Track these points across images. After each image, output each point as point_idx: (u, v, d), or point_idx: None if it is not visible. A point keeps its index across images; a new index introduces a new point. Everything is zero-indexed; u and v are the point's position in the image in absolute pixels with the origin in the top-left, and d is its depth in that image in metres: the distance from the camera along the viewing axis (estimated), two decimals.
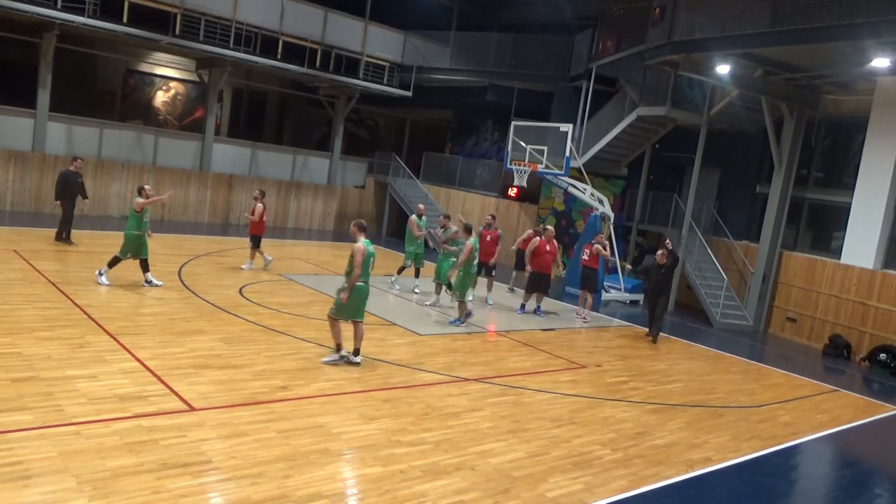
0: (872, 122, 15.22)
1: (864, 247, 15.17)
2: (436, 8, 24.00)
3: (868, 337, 14.92)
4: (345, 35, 21.70)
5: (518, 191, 21.08)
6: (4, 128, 17.54)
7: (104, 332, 8.61)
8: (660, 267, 13.38)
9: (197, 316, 10.10)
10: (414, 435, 6.89)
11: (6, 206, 17.48)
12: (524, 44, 22.58)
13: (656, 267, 13.51)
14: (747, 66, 14.92)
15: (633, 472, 6.85)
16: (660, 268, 13.39)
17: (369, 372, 8.70)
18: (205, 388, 7.25)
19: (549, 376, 9.89)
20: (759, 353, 14.75)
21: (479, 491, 5.90)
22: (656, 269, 13.51)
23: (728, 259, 18.03)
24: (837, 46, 12.69)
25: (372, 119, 29.40)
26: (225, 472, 5.53)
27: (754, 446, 8.22)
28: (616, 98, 19.92)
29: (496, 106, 23.36)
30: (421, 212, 15.17)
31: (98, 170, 18.85)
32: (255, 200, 14.54)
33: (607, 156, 19.97)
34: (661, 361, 11.94)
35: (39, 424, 5.86)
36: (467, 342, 11.08)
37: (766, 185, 17.44)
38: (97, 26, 17.11)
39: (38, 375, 6.90)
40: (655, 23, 15.42)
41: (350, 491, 5.66)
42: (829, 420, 9.96)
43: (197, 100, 24.05)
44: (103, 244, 14.71)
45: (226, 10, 18.90)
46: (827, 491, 7.71)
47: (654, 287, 13.43)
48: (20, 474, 5.01)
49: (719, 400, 10.10)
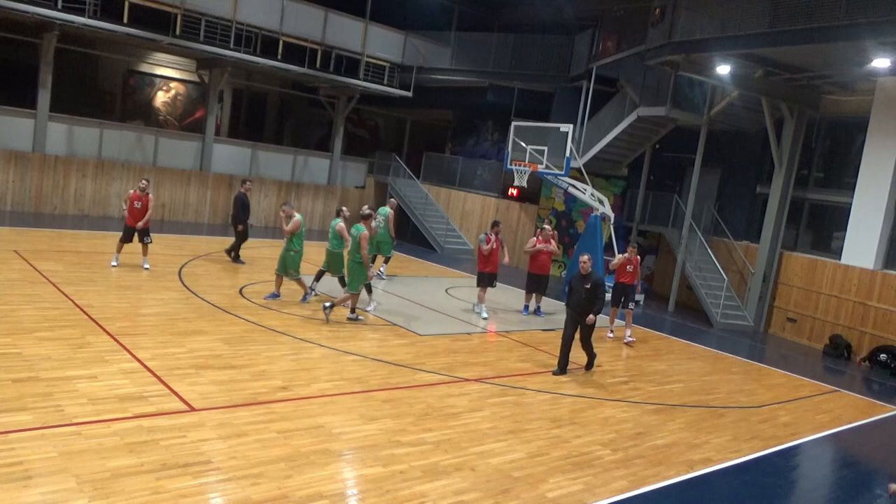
0: (873, 123, 15.22)
1: (865, 247, 15.17)
2: (436, 8, 23.99)
3: (868, 337, 14.92)
4: (345, 35, 21.69)
5: (518, 191, 21.07)
6: (5, 128, 17.54)
7: (104, 333, 8.61)
8: (583, 278, 9.79)
9: (197, 316, 10.10)
10: (414, 435, 6.89)
11: (6, 206, 17.48)
12: (524, 44, 22.57)
13: (579, 277, 9.88)
14: (748, 66, 14.92)
15: (633, 472, 6.85)
16: (583, 279, 9.77)
17: (369, 372, 8.70)
18: (205, 389, 7.25)
19: (549, 377, 9.88)
20: (759, 353, 14.74)
21: (480, 491, 5.90)
22: (579, 279, 9.87)
23: (728, 259, 18.02)
24: (838, 47, 12.68)
25: (372, 119, 29.40)
26: (225, 472, 5.53)
27: (755, 447, 8.22)
28: (616, 98, 19.91)
29: (496, 106, 23.36)
30: (393, 206, 15.63)
31: (98, 170, 18.85)
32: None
33: (607, 156, 19.96)
34: (661, 362, 11.94)
35: (40, 425, 5.86)
36: (467, 342, 11.08)
37: (766, 186, 17.44)
38: (97, 27, 17.10)
39: (38, 376, 6.90)
40: (656, 23, 15.42)
41: (350, 491, 5.66)
42: (830, 420, 9.96)
43: (197, 100, 24.06)
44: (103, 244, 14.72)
45: (226, 10, 18.90)
46: (827, 491, 7.72)
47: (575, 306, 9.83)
48: (20, 474, 5.01)
49: (719, 400, 10.10)
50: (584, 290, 9.70)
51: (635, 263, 13.06)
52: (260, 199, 22.23)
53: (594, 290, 9.72)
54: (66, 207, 18.41)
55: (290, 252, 11.77)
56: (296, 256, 11.82)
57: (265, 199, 22.37)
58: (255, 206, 22.11)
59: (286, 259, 11.77)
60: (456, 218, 23.87)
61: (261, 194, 22.24)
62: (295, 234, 11.76)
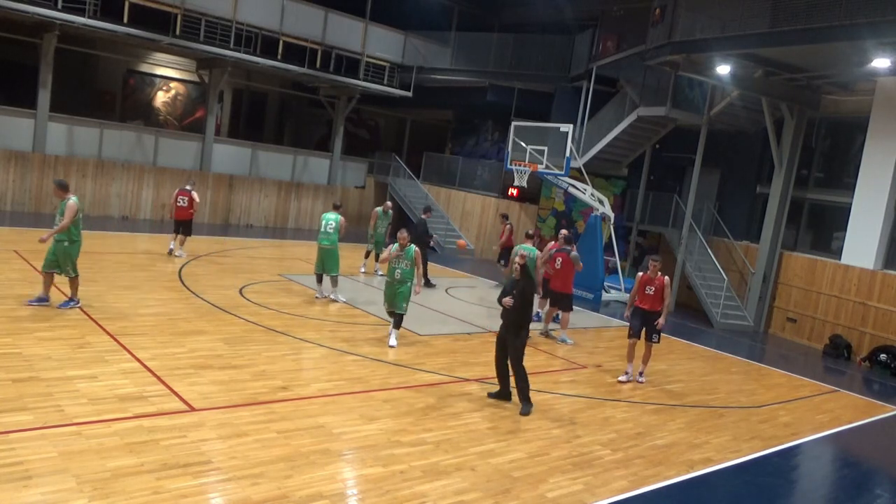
0: (873, 123, 15.22)
1: (865, 247, 15.17)
2: (436, 8, 24.00)
3: (868, 337, 14.92)
4: (345, 35, 21.70)
5: (518, 191, 21.08)
6: (5, 128, 17.54)
7: (104, 333, 8.61)
8: (515, 282, 8.23)
9: (197, 316, 10.10)
10: (414, 435, 6.89)
11: (6, 206, 17.48)
12: (524, 44, 22.58)
13: (512, 282, 8.32)
14: (748, 66, 14.92)
15: (633, 472, 6.85)
16: (514, 283, 8.20)
17: (369, 372, 8.70)
18: (205, 389, 7.25)
19: (549, 376, 9.89)
20: (759, 353, 14.75)
21: (480, 491, 5.90)
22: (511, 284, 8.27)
23: (728, 259, 18.02)
24: (838, 47, 12.68)
25: (372, 119, 29.41)
26: (225, 472, 5.53)
27: (755, 447, 8.22)
28: (616, 98, 19.92)
29: (496, 106, 23.36)
30: (388, 208, 15.79)
31: (98, 170, 18.85)
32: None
33: (607, 156, 19.97)
34: (661, 362, 11.93)
35: (40, 425, 5.86)
36: (467, 342, 11.08)
37: (766, 186, 17.44)
38: (98, 27, 17.11)
39: (38, 376, 6.90)
40: (656, 23, 15.42)
41: (350, 491, 5.66)
42: (830, 420, 9.96)
43: (197, 100, 24.06)
44: (102, 244, 14.72)
45: (226, 10, 18.91)
46: (827, 491, 7.72)
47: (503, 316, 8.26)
48: (21, 474, 5.01)
49: (720, 400, 10.10)
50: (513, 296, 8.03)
51: (658, 285, 9.87)
52: (260, 199, 22.24)
53: (520, 297, 8.01)
54: None
55: (65, 244, 9.28)
56: (71, 249, 9.35)
57: (265, 199, 22.37)
58: (256, 207, 22.18)
59: (59, 252, 9.26)
60: (456, 218, 23.87)
61: (261, 194, 22.25)
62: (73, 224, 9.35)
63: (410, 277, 10.00)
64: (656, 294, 9.87)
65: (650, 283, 9.91)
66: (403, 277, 9.91)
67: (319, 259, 12.16)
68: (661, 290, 9.86)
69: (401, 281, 9.93)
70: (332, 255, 12.00)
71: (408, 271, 9.92)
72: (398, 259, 9.89)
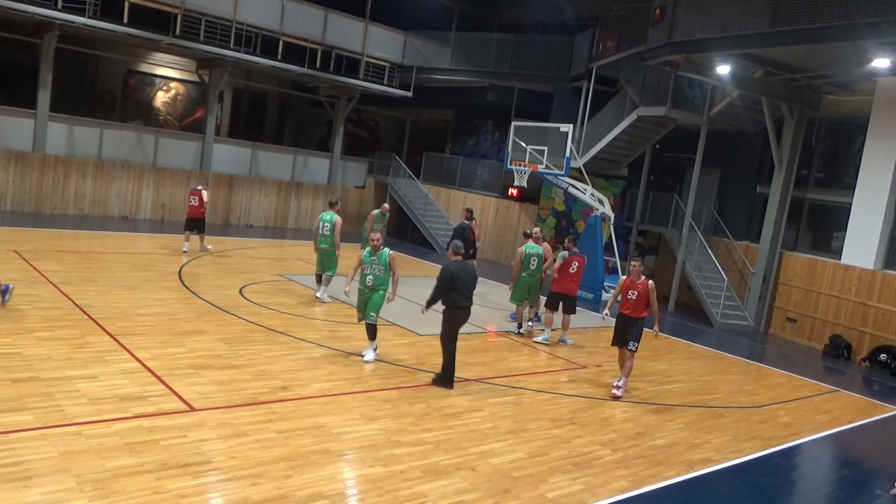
0: (873, 123, 15.22)
1: (865, 247, 15.17)
2: (436, 8, 24.00)
3: (868, 337, 14.91)
4: (345, 35, 21.69)
5: (518, 191, 21.07)
6: (5, 128, 17.53)
7: (104, 333, 8.61)
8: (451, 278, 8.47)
9: (197, 316, 10.10)
10: (414, 435, 6.89)
11: (6, 206, 17.47)
12: (524, 44, 22.57)
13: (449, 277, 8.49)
14: (748, 66, 14.92)
15: (633, 472, 6.85)
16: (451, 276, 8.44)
17: (369, 372, 8.70)
18: (205, 389, 7.25)
19: (549, 376, 9.89)
20: (759, 353, 14.75)
21: (480, 491, 5.90)
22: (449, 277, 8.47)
23: (728, 259, 18.02)
24: (838, 47, 12.68)
25: (372, 119, 29.40)
26: (225, 472, 5.53)
27: (755, 447, 8.22)
28: (616, 98, 19.91)
29: (496, 106, 23.35)
30: (385, 210, 15.58)
31: (98, 170, 18.85)
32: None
33: (607, 156, 19.96)
34: (661, 362, 11.94)
35: (40, 425, 5.86)
36: (467, 342, 11.07)
37: (766, 186, 17.44)
38: (97, 27, 17.10)
39: (38, 376, 6.90)
40: (656, 23, 15.42)
41: (350, 491, 5.66)
42: (830, 420, 9.96)
43: (197, 100, 24.05)
44: (102, 244, 14.72)
45: (226, 10, 18.90)
46: (827, 491, 7.72)
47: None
48: (21, 474, 5.01)
49: (719, 400, 10.10)
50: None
51: (642, 290, 9.17)
52: (260, 199, 22.24)
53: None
54: (66, 207, 18.40)
55: None
56: None
57: (265, 199, 22.37)
58: (256, 207, 22.18)
59: None
60: (456, 218, 23.81)
61: (261, 194, 22.25)
62: None
63: (384, 284, 9.11)
64: (639, 299, 9.14)
65: (632, 287, 9.21)
66: (376, 284, 9.03)
67: (319, 260, 12.22)
68: (645, 296, 9.11)
69: (372, 288, 9.03)
70: (331, 256, 12.05)
71: (381, 277, 9.04)
72: (371, 265, 9.06)
